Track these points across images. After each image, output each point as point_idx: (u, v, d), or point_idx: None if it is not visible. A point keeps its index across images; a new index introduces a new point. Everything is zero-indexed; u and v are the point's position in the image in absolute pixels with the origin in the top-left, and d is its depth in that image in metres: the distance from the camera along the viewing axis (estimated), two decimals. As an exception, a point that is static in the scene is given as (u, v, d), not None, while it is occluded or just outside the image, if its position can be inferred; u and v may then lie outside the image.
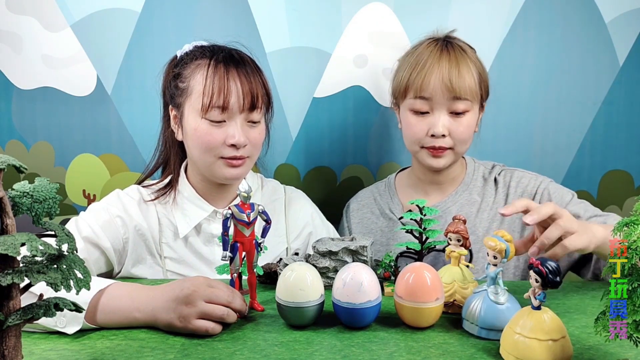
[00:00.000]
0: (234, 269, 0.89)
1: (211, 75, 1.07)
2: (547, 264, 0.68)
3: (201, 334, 0.79)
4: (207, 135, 1.07)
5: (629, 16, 1.44)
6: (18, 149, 1.53)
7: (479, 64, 1.19)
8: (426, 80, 1.14)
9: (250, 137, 1.11)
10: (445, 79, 1.13)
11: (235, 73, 1.08)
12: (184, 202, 1.17)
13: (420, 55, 1.17)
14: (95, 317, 0.83)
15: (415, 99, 1.17)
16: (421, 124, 1.17)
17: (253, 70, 1.11)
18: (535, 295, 0.70)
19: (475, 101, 1.18)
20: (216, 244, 1.16)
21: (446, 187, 1.28)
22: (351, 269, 0.83)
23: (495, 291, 0.80)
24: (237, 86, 1.07)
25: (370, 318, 0.82)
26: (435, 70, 1.14)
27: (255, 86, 1.09)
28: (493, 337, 0.78)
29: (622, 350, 0.74)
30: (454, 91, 1.13)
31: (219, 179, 1.13)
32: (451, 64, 1.14)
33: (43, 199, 0.58)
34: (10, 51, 1.49)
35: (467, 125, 1.17)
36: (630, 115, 1.48)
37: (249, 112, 1.09)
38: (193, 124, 1.09)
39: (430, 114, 1.17)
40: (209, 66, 1.08)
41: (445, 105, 1.15)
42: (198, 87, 1.07)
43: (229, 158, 1.09)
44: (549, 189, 1.21)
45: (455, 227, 0.89)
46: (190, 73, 1.10)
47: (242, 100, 1.07)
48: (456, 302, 0.87)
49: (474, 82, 1.16)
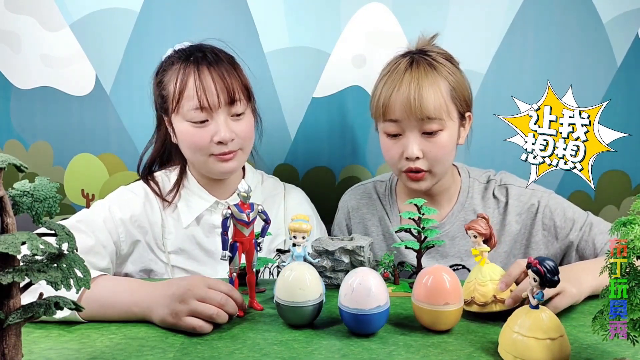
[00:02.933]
0: (234, 268, 0.90)
1: (183, 77, 1.11)
2: (546, 263, 0.69)
3: (192, 332, 0.80)
4: (193, 137, 1.12)
5: (626, 16, 1.45)
6: (17, 149, 1.53)
7: (452, 77, 1.13)
8: (391, 103, 1.10)
9: (237, 130, 1.13)
10: (406, 100, 1.08)
11: (208, 72, 1.10)
12: (187, 194, 1.20)
13: (387, 75, 1.14)
14: (93, 310, 0.84)
15: (385, 122, 1.13)
16: (395, 147, 1.13)
17: (226, 65, 1.13)
18: (534, 295, 0.70)
19: (449, 118, 1.11)
20: (217, 235, 1.17)
21: (440, 199, 1.23)
22: (358, 274, 0.80)
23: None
24: (210, 84, 1.10)
25: (380, 324, 0.80)
26: (397, 92, 1.09)
27: (230, 81, 1.11)
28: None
29: (620, 349, 0.75)
30: (418, 112, 1.08)
31: (216, 175, 1.18)
32: (412, 85, 1.08)
33: (43, 198, 0.58)
34: (8, 51, 1.49)
35: (442, 145, 1.11)
36: (627, 115, 1.49)
37: (229, 106, 1.12)
38: (179, 127, 1.13)
39: (402, 136, 1.12)
40: (180, 69, 1.12)
41: (416, 126, 1.10)
42: (175, 92, 1.11)
43: (219, 154, 1.12)
44: (550, 207, 1.17)
45: (472, 223, 0.87)
46: (168, 80, 1.14)
47: (218, 97, 1.10)
48: (474, 300, 0.84)
49: (442, 100, 1.09)
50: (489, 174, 1.27)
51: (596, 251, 1.11)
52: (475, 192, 1.24)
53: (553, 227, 1.17)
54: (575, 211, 1.17)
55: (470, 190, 1.24)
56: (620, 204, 1.53)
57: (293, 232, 0.85)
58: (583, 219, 1.16)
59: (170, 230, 1.19)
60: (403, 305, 0.92)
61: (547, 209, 1.17)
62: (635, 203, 0.62)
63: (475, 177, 1.26)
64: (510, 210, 1.20)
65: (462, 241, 1.21)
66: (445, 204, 1.24)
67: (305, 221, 0.85)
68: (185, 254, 1.19)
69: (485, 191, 1.24)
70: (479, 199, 1.23)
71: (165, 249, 1.18)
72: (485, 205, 1.23)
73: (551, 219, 1.17)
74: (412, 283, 0.86)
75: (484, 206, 1.22)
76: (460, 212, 1.22)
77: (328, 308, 0.90)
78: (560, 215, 1.16)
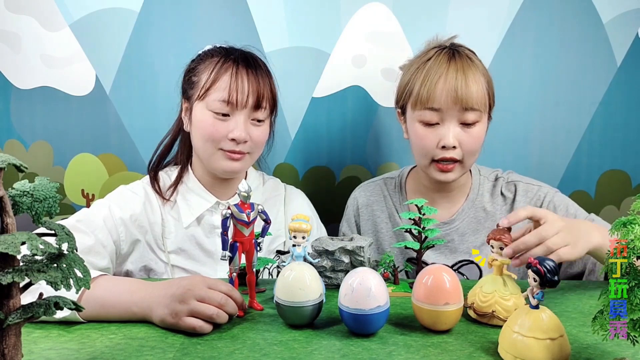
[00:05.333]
0: (234, 268, 0.90)
1: (220, 69, 1.13)
2: (546, 263, 0.68)
3: (192, 332, 0.80)
4: (211, 127, 1.13)
5: (626, 17, 1.45)
6: (17, 149, 1.53)
7: (486, 72, 1.17)
8: (435, 92, 1.11)
9: (253, 135, 1.15)
10: (454, 90, 1.10)
11: (244, 71, 1.13)
12: (188, 193, 1.21)
13: (428, 66, 1.14)
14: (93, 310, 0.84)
15: (424, 110, 1.14)
16: (431, 136, 1.14)
17: (263, 73, 1.16)
18: (534, 295, 0.70)
19: (485, 111, 1.15)
20: (217, 236, 1.19)
21: (454, 195, 1.25)
22: (358, 274, 0.80)
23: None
24: (244, 84, 1.12)
25: (380, 324, 0.80)
26: (444, 81, 1.11)
27: (262, 87, 1.14)
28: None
29: (620, 349, 0.75)
30: (463, 102, 1.10)
31: (218, 171, 1.17)
32: (459, 75, 1.11)
33: (43, 198, 0.58)
34: (9, 51, 1.49)
35: (477, 137, 1.15)
36: (627, 115, 1.49)
37: (253, 110, 1.14)
38: (199, 115, 1.14)
39: (440, 125, 1.13)
40: (220, 62, 1.14)
41: (456, 116, 1.12)
42: (207, 80, 1.13)
43: (228, 151, 1.13)
44: (554, 202, 1.20)
45: (498, 234, 0.86)
46: (203, 68, 1.16)
47: (247, 97, 1.12)
48: (495, 314, 0.82)
49: (483, 92, 1.13)
50: (497, 172, 1.30)
51: None
52: (485, 190, 1.26)
53: None
54: (577, 209, 1.20)
55: (480, 188, 1.26)
56: (620, 204, 1.53)
57: (293, 232, 0.85)
58: (584, 216, 1.18)
59: (170, 229, 1.19)
60: (403, 305, 0.93)
61: (550, 204, 1.20)
62: (635, 203, 0.62)
63: (485, 175, 1.29)
64: (517, 207, 1.22)
65: (472, 237, 1.23)
66: (457, 201, 1.26)
67: (305, 221, 0.85)
68: (185, 253, 1.19)
69: (494, 189, 1.27)
70: (487, 197, 1.26)
71: (165, 249, 1.18)
72: (493, 203, 1.25)
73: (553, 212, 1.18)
74: (412, 283, 0.86)
75: (492, 203, 1.25)
76: (470, 209, 1.24)
77: (328, 308, 0.90)
78: (563, 210, 1.18)
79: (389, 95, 1.49)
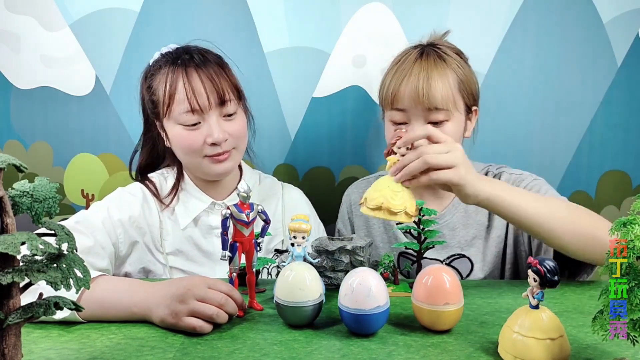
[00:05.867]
0: (234, 268, 0.90)
1: (172, 81, 1.11)
2: (546, 263, 0.68)
3: (192, 332, 0.80)
4: (186, 140, 1.12)
5: (627, 16, 1.45)
6: (16, 149, 1.53)
7: (461, 70, 1.15)
8: (400, 91, 1.12)
9: (230, 131, 1.13)
10: (415, 90, 1.10)
11: (196, 74, 1.11)
12: (184, 195, 1.21)
13: (397, 66, 1.16)
14: (93, 310, 0.84)
15: (392, 111, 1.16)
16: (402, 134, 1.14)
17: (214, 67, 1.13)
18: (534, 295, 0.70)
19: (455, 109, 1.14)
20: (215, 236, 1.19)
21: (442, 193, 1.24)
22: (358, 274, 0.80)
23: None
24: (200, 86, 1.10)
25: (380, 324, 0.80)
26: (406, 81, 1.12)
27: (219, 82, 1.11)
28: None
29: (620, 349, 0.75)
30: (425, 102, 1.10)
31: (211, 177, 1.18)
32: (422, 74, 1.11)
33: (43, 198, 0.58)
34: (8, 51, 1.49)
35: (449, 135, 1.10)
36: (628, 115, 1.49)
37: (220, 107, 1.12)
38: (172, 131, 1.14)
39: (409, 124, 1.14)
40: (169, 72, 1.12)
41: (422, 116, 1.12)
42: (165, 97, 1.11)
43: (213, 155, 1.12)
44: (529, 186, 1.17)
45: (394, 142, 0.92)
46: (158, 84, 1.14)
47: (209, 98, 1.10)
48: (383, 206, 0.89)
49: (449, 91, 1.12)
50: (488, 166, 1.28)
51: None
52: None
53: None
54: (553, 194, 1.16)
55: None
56: (620, 204, 1.53)
57: (293, 232, 0.85)
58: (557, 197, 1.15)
59: (168, 231, 1.19)
60: (403, 305, 0.92)
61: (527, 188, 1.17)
62: (635, 203, 0.62)
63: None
64: None
65: (463, 231, 1.23)
66: (447, 195, 1.25)
67: (305, 221, 0.85)
68: (183, 255, 1.19)
69: None
70: None
71: (163, 250, 1.18)
72: None
73: None
74: (412, 283, 0.86)
75: None
76: (460, 204, 1.23)
77: (328, 308, 0.90)
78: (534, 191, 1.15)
79: (389, 95, 1.50)
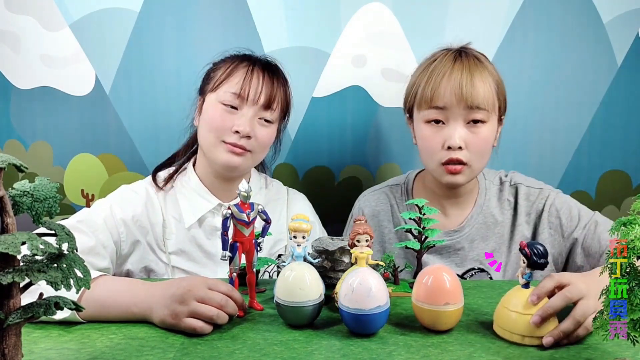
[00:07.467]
0: (234, 268, 0.90)
1: (237, 66, 1.16)
2: (534, 247, 0.76)
3: (193, 332, 0.80)
4: (218, 118, 1.14)
5: (627, 17, 1.45)
6: (16, 149, 1.53)
7: (496, 75, 1.14)
8: (440, 89, 1.09)
9: (258, 134, 1.15)
10: (458, 87, 1.08)
11: (261, 72, 1.16)
12: (190, 193, 1.21)
13: (432, 66, 1.13)
14: (93, 310, 0.84)
15: (429, 110, 1.12)
16: (436, 137, 1.11)
17: (279, 78, 1.19)
18: (523, 275, 0.79)
19: (493, 112, 1.12)
20: (218, 237, 1.17)
21: (463, 201, 1.22)
22: (358, 274, 0.80)
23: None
24: (258, 82, 1.14)
25: (380, 324, 0.80)
26: (448, 79, 1.09)
27: (275, 89, 1.17)
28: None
29: (620, 349, 0.75)
30: (468, 100, 1.07)
31: (218, 164, 1.16)
32: (464, 73, 1.09)
33: (43, 198, 0.58)
34: (8, 51, 1.49)
35: (484, 138, 1.11)
36: (628, 115, 1.49)
37: (263, 109, 1.15)
38: (210, 106, 1.17)
39: (446, 124, 1.11)
40: (237, 62, 1.17)
41: (461, 115, 1.09)
42: (223, 74, 1.16)
43: (230, 143, 1.14)
44: (556, 205, 1.18)
45: (363, 228, 0.86)
46: (223, 64, 1.19)
47: (259, 95, 1.14)
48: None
49: (490, 92, 1.10)
50: (500, 175, 1.28)
51: (601, 249, 1.12)
52: (492, 195, 1.24)
53: (559, 226, 1.18)
54: (580, 209, 1.18)
55: (487, 193, 1.24)
56: (620, 204, 1.53)
57: (293, 232, 0.85)
58: (588, 217, 1.17)
59: (171, 230, 1.19)
60: (403, 305, 0.93)
61: (552, 208, 1.18)
62: (635, 203, 0.62)
63: (490, 179, 1.26)
64: (520, 211, 1.21)
65: (482, 244, 1.21)
66: (467, 207, 1.23)
67: (305, 221, 0.85)
68: (186, 255, 1.19)
69: (500, 193, 1.25)
70: (495, 201, 1.24)
71: (166, 250, 1.18)
72: (501, 207, 1.23)
73: (557, 217, 1.18)
74: (412, 283, 0.86)
75: (500, 208, 1.23)
76: (479, 215, 1.22)
77: (328, 308, 0.90)
78: (566, 213, 1.17)
79: (389, 95, 1.50)
